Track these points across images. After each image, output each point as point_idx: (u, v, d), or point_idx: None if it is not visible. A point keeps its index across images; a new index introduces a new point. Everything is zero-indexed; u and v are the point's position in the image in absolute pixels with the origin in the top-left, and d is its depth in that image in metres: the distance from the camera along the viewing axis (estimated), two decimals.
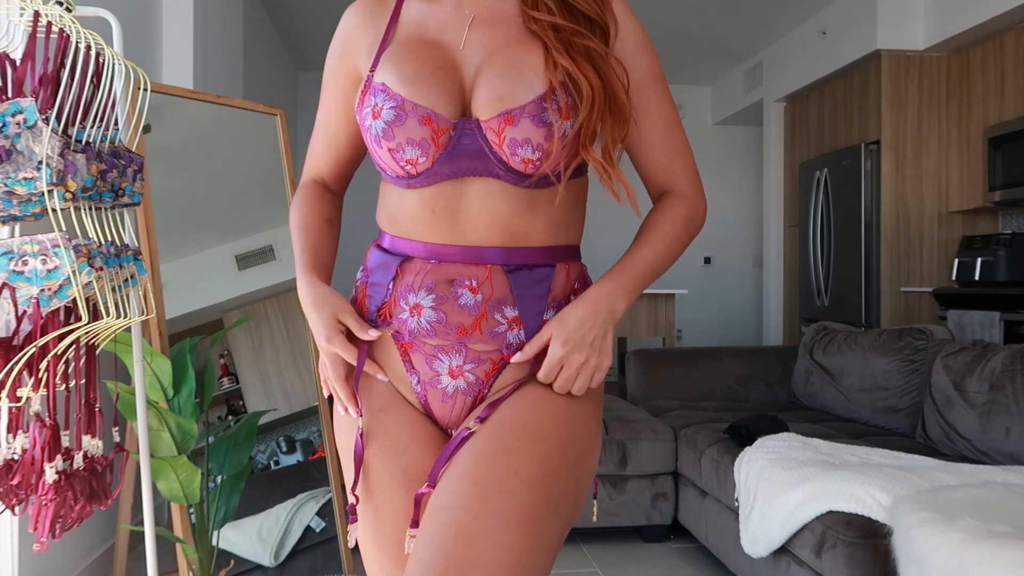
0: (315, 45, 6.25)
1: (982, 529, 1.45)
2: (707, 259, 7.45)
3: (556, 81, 0.93)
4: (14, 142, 1.29)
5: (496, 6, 1.01)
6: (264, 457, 2.53)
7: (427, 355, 1.00)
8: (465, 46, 0.99)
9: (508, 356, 0.99)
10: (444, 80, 0.96)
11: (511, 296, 0.98)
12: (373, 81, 0.98)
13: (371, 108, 0.96)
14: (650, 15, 5.50)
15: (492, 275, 0.97)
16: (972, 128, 4.66)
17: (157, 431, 1.94)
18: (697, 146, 7.62)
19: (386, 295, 1.01)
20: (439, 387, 1.00)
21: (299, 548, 2.51)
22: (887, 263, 4.85)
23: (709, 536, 2.71)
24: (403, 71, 0.96)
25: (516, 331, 0.99)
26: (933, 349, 2.85)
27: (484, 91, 0.95)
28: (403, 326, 1.00)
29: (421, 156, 0.95)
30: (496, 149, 0.94)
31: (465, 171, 0.96)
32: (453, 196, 0.97)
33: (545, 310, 0.99)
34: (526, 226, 0.98)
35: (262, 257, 2.66)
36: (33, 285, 1.31)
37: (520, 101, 0.93)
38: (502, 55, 0.97)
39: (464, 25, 1.00)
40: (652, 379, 3.65)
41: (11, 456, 1.41)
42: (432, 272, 0.98)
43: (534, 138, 0.93)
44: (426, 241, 0.99)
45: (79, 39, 1.43)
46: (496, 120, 0.93)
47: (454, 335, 0.98)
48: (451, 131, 0.94)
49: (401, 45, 1.00)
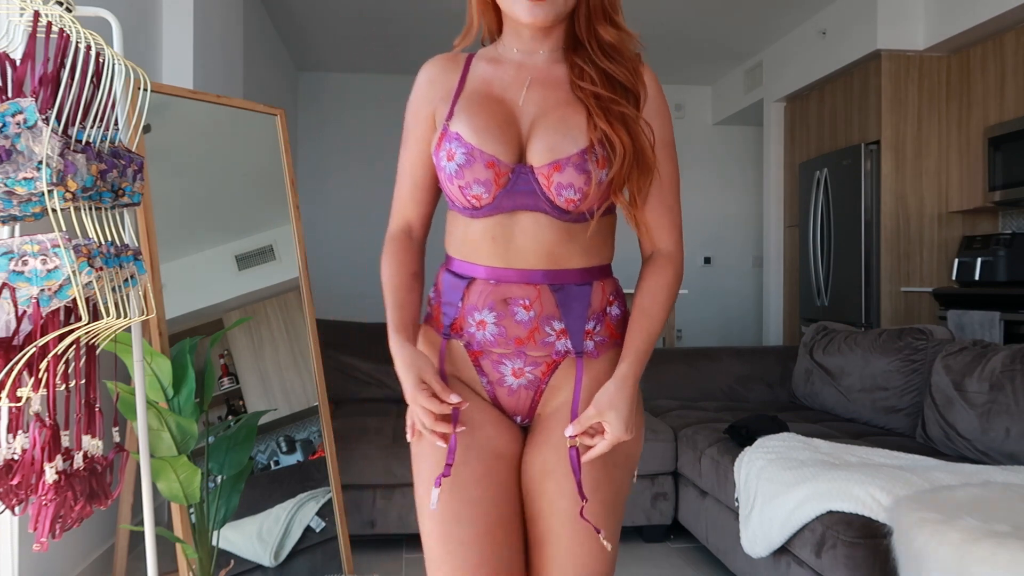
0: (315, 45, 6.25)
1: (982, 529, 1.45)
2: (707, 259, 7.45)
3: (595, 139, 1.15)
4: (14, 142, 1.29)
5: (549, 71, 1.23)
6: (264, 457, 2.53)
7: (493, 361, 1.22)
8: (523, 103, 1.21)
9: (559, 359, 1.21)
10: (506, 131, 1.18)
11: (557, 312, 1.20)
12: (449, 130, 1.19)
13: (446, 152, 1.18)
14: (650, 15, 5.50)
15: (541, 294, 1.19)
16: (972, 128, 4.66)
17: (157, 431, 1.94)
18: (697, 146, 7.65)
19: (456, 313, 1.23)
20: (505, 385, 1.23)
21: (299, 548, 2.51)
22: (887, 263, 4.85)
23: (709, 536, 2.71)
24: (474, 123, 1.17)
25: (563, 340, 1.21)
26: (933, 349, 2.85)
27: (538, 143, 1.17)
28: (472, 338, 1.22)
29: (485, 193, 1.17)
30: (545, 190, 1.16)
31: (519, 206, 1.17)
32: (508, 226, 1.19)
33: (586, 321, 1.21)
34: (566, 252, 1.19)
35: (262, 257, 2.66)
36: (33, 285, 1.31)
37: (566, 153, 1.15)
38: (553, 114, 1.18)
39: (523, 86, 1.22)
40: (652, 379, 3.65)
41: (11, 456, 1.41)
42: (492, 293, 1.20)
43: (576, 183, 1.15)
44: (486, 265, 1.20)
45: (79, 39, 1.43)
46: (546, 167, 1.15)
47: (513, 345, 1.20)
48: (510, 174, 1.16)
49: (471, 99, 1.21)
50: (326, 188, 7.00)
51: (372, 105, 7.06)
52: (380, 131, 7.07)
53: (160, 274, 2.35)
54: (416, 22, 5.68)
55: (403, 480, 2.87)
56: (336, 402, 3.47)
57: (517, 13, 1.18)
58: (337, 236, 6.95)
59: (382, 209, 6.48)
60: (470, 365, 1.23)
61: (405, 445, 2.88)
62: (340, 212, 7.01)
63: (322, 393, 2.68)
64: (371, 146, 7.07)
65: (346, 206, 7.03)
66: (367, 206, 7.06)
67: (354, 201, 7.04)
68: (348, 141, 7.06)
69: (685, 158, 8.58)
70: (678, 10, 5.42)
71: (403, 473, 2.86)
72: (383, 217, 5.88)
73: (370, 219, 7.06)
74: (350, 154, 7.05)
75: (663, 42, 6.12)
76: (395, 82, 7.10)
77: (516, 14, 1.18)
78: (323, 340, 3.08)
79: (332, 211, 6.98)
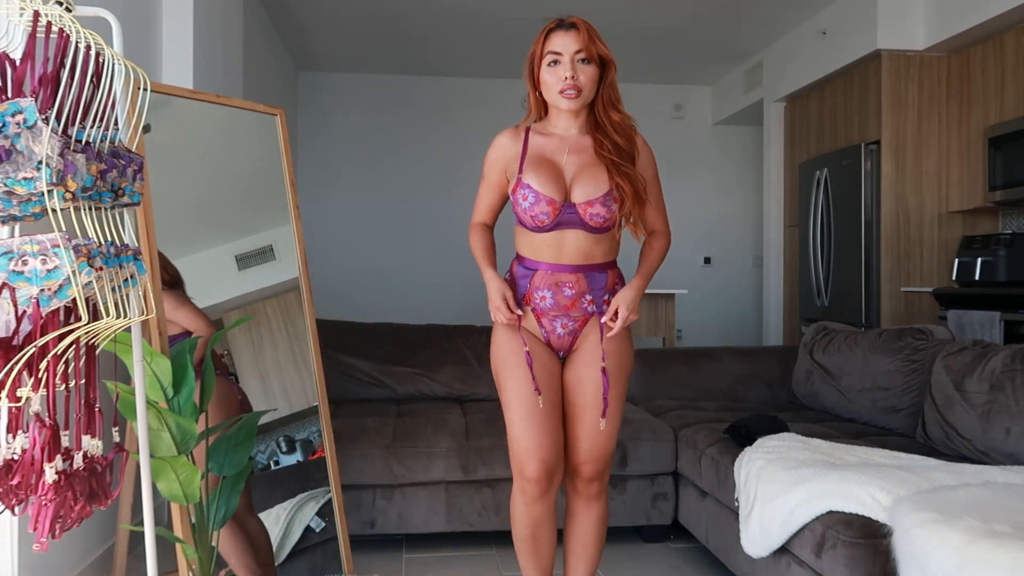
0: (315, 45, 6.25)
1: (982, 529, 1.45)
2: (707, 259, 7.45)
3: (613, 186, 1.94)
4: (14, 142, 1.29)
5: (580, 142, 2.01)
6: (264, 457, 2.53)
7: (549, 319, 2.02)
8: (566, 164, 1.98)
9: (588, 318, 2.02)
10: (557, 182, 1.96)
11: (589, 289, 2.00)
12: (523, 181, 1.97)
13: (522, 195, 1.96)
14: (650, 15, 5.50)
15: (579, 280, 1.99)
16: (972, 128, 4.66)
17: (157, 431, 1.94)
18: (697, 146, 7.62)
19: (526, 289, 2.02)
20: (556, 333, 2.03)
21: (299, 548, 2.51)
22: (887, 263, 4.85)
23: (709, 536, 2.71)
24: (538, 178, 1.95)
25: (591, 306, 2.01)
26: (933, 349, 2.85)
27: (578, 189, 1.96)
28: (536, 305, 2.02)
29: (546, 219, 1.95)
30: (583, 217, 1.95)
31: (566, 225, 1.96)
32: (559, 238, 1.97)
33: (604, 294, 2.01)
34: (594, 253, 2.00)
35: (262, 257, 2.66)
36: (33, 285, 1.31)
37: (596, 195, 1.94)
38: (586, 171, 1.97)
39: (564, 152, 2.00)
40: (652, 379, 3.65)
41: (11, 456, 1.41)
42: (549, 278, 1.99)
43: (602, 212, 1.94)
44: (546, 261, 1.99)
45: (79, 39, 1.43)
46: (583, 204, 1.95)
47: (562, 310, 2.01)
48: (561, 207, 1.95)
49: (533, 161, 1.98)
50: (326, 188, 7.00)
51: (372, 105, 7.06)
52: (380, 131, 7.07)
53: (160, 274, 2.35)
54: (416, 22, 5.68)
55: (403, 480, 2.87)
56: (336, 402, 3.47)
57: (558, 103, 1.97)
58: (337, 236, 6.95)
59: (382, 209, 6.59)
60: (534, 321, 2.03)
61: (405, 445, 2.88)
62: (340, 212, 7.01)
63: (322, 393, 2.68)
64: (371, 146, 7.07)
65: (346, 206, 7.03)
66: (367, 206, 7.06)
67: (354, 201, 7.04)
68: (348, 141, 7.05)
69: (685, 158, 8.56)
70: (678, 10, 5.42)
71: (403, 473, 2.86)
72: (383, 217, 6.03)
73: (370, 219, 7.06)
74: (350, 154, 7.05)
75: (663, 42, 6.12)
76: (395, 82, 7.11)
77: (557, 103, 1.98)
78: (323, 340, 3.08)
79: (332, 211, 6.98)
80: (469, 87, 7.11)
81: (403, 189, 7.07)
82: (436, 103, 7.13)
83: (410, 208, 7.07)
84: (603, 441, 2.02)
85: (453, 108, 7.11)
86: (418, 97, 7.11)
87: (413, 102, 7.10)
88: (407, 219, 7.07)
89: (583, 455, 2.04)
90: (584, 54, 1.93)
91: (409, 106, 7.10)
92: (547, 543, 2.08)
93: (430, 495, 2.91)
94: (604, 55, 1.95)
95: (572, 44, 1.92)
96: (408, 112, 7.09)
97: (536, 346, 2.01)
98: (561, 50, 1.93)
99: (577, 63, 1.92)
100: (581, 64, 1.93)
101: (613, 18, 5.52)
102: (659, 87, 7.30)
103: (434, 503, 2.90)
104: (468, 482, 2.91)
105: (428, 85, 7.12)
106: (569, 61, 1.92)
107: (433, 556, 2.92)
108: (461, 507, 2.91)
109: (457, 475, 2.89)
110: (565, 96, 1.93)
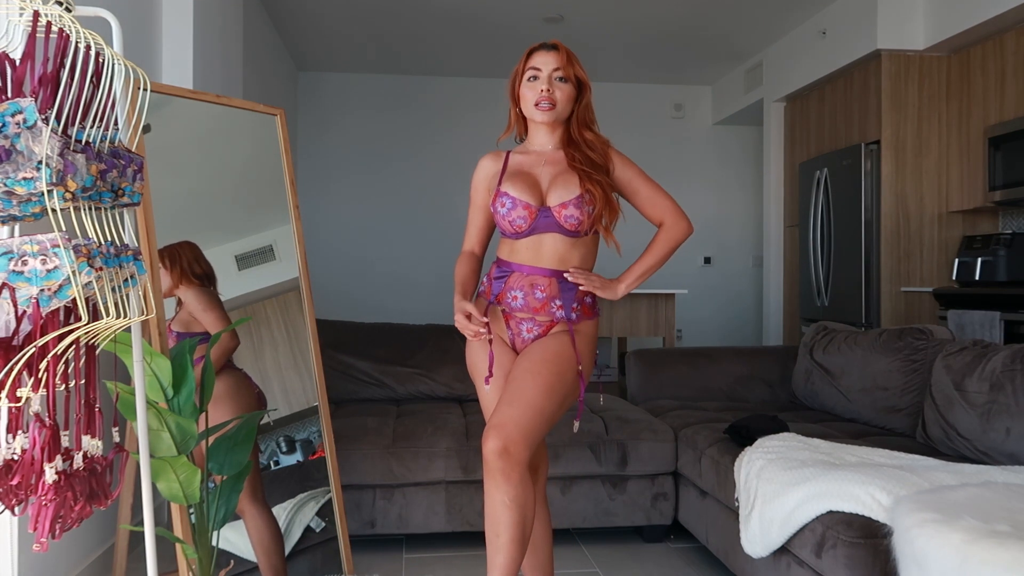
0: (315, 45, 6.25)
1: (982, 529, 1.45)
2: (707, 259, 7.45)
3: (583, 190, 2.00)
4: (14, 142, 1.29)
5: (555, 155, 2.08)
6: (264, 457, 2.53)
7: (518, 321, 2.06)
8: (541, 174, 2.06)
9: (554, 323, 2.05)
10: (533, 189, 2.03)
11: (559, 294, 2.03)
12: (501, 190, 2.04)
13: (500, 203, 2.02)
14: (650, 15, 5.50)
15: (551, 283, 2.03)
16: (972, 128, 4.66)
17: (157, 431, 1.94)
18: (697, 146, 7.63)
19: (500, 289, 2.05)
20: (521, 336, 2.07)
21: (299, 548, 2.51)
22: (887, 263, 4.85)
23: (709, 536, 2.71)
24: (515, 186, 2.02)
25: (560, 311, 2.03)
26: (933, 349, 2.85)
27: (553, 193, 2.02)
28: (508, 306, 2.05)
29: (523, 223, 2.01)
30: (558, 219, 2.00)
31: (542, 229, 2.02)
32: (537, 242, 2.03)
33: (574, 302, 2.04)
34: (570, 258, 2.04)
35: (262, 257, 2.66)
36: (33, 285, 1.31)
37: (569, 198, 1.99)
38: (560, 177, 2.03)
39: (540, 164, 2.08)
40: (652, 379, 3.65)
41: (11, 456, 1.41)
42: (524, 279, 2.03)
43: (576, 215, 1.99)
44: (522, 263, 2.04)
45: (79, 39, 1.43)
46: (558, 207, 2.00)
47: (531, 312, 2.04)
48: (537, 212, 2.01)
49: (512, 174, 2.07)
50: (326, 188, 7.00)
51: (372, 105, 7.06)
52: (380, 131, 7.07)
53: (160, 274, 2.35)
54: (415, 22, 5.68)
55: (403, 480, 2.87)
56: (336, 402, 3.47)
57: (534, 115, 2.06)
58: (337, 236, 6.95)
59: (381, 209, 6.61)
60: (502, 322, 2.08)
61: (405, 445, 2.88)
62: (340, 212, 7.00)
63: (322, 393, 2.68)
64: (371, 146, 7.07)
65: (346, 206, 7.03)
66: (367, 206, 7.06)
67: (354, 201, 7.04)
68: (348, 141, 7.05)
69: (685, 158, 8.55)
70: (678, 10, 5.42)
71: (403, 473, 2.86)
72: (382, 217, 6.07)
73: (370, 219, 7.06)
74: (350, 154, 7.05)
75: (663, 42, 6.12)
76: (395, 82, 7.11)
77: (533, 116, 2.06)
78: (323, 340, 3.08)
79: (332, 211, 6.98)
80: (469, 87, 7.11)
81: (403, 189, 7.07)
82: (436, 103, 7.13)
83: (410, 208, 7.06)
84: (505, 411, 1.89)
85: (453, 108, 7.11)
86: (418, 97, 7.11)
87: (413, 102, 7.10)
88: (407, 219, 7.07)
89: (493, 420, 1.92)
90: (562, 72, 2.04)
91: (409, 106, 7.10)
92: (538, 539, 2.16)
93: (430, 495, 2.91)
94: (581, 77, 2.07)
95: (551, 62, 2.04)
96: (408, 112, 7.09)
97: (502, 354, 2.04)
98: (541, 67, 2.04)
99: (555, 80, 2.03)
100: (558, 82, 2.04)
101: (613, 18, 5.53)
102: (659, 87, 7.30)
103: (434, 503, 2.90)
104: (468, 482, 2.91)
105: (428, 85, 7.12)
106: (547, 77, 2.03)
107: (433, 556, 2.92)
108: (461, 507, 2.91)
109: (457, 475, 2.89)
110: (540, 108, 2.02)
